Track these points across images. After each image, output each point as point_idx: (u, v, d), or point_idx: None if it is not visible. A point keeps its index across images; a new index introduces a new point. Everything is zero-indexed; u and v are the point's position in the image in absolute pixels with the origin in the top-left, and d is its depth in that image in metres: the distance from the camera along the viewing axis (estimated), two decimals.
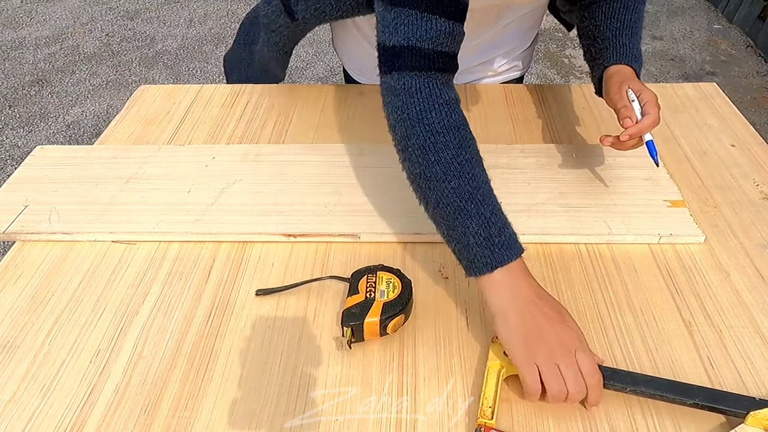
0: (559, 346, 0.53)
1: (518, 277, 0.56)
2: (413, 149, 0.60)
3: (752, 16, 2.92)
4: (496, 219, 0.57)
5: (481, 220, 0.56)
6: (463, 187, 0.57)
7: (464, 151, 0.59)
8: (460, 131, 0.60)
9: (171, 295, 0.67)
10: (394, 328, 0.60)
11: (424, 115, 0.59)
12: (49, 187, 0.81)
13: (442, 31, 0.59)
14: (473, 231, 0.56)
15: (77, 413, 0.55)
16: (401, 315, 0.60)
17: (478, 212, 0.57)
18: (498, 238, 0.56)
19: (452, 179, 0.57)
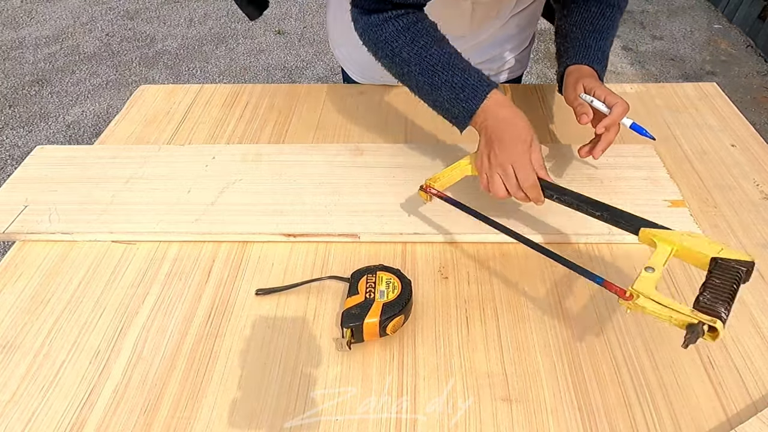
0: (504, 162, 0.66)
1: (488, 112, 0.68)
2: (382, 59, 0.74)
3: (752, 16, 2.92)
4: (459, 77, 0.68)
5: (447, 86, 0.69)
6: (424, 68, 0.70)
7: (418, 41, 0.70)
8: (410, 30, 0.71)
9: (171, 295, 0.67)
10: (393, 329, 0.60)
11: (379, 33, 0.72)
12: (49, 187, 0.81)
13: None
14: (445, 96, 0.69)
15: (77, 413, 0.55)
16: (401, 315, 0.60)
17: (442, 80, 0.69)
18: (463, 92, 0.68)
19: (415, 67, 0.70)
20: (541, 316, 0.63)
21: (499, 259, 0.70)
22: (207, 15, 3.28)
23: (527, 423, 0.54)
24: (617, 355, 0.59)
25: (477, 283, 0.67)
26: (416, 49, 0.70)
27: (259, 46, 2.98)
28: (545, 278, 0.67)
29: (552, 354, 0.59)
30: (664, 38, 2.98)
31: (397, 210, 0.75)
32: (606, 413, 0.54)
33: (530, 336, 0.61)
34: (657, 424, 0.53)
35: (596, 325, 0.62)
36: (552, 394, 0.56)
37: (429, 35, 0.71)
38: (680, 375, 0.57)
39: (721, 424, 0.53)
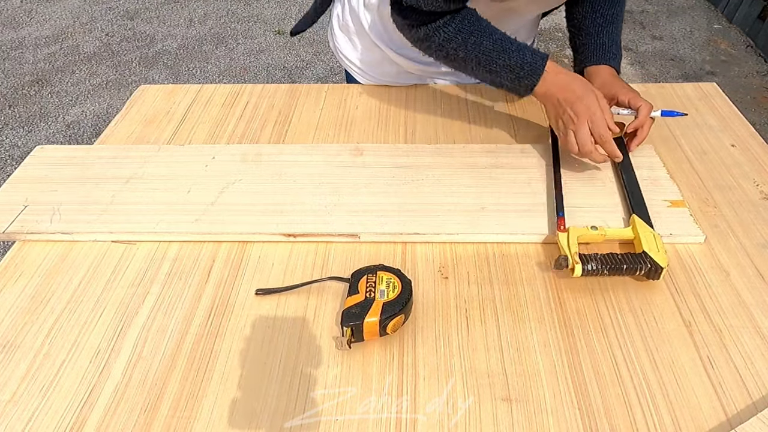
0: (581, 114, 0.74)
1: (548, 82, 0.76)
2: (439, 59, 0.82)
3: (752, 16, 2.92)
4: (515, 59, 0.76)
5: (506, 69, 0.76)
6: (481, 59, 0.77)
7: (469, 39, 0.77)
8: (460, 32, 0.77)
9: (171, 295, 0.67)
10: (393, 328, 0.60)
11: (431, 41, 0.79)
12: (49, 187, 0.81)
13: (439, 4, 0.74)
14: (506, 77, 0.77)
15: (77, 413, 0.55)
16: (401, 315, 0.60)
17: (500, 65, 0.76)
18: (522, 71, 0.76)
19: (472, 61, 0.78)
20: (541, 316, 0.63)
21: (499, 259, 0.70)
22: (207, 15, 3.28)
23: (527, 423, 0.54)
24: (617, 355, 0.59)
25: (477, 283, 0.67)
26: (470, 47, 0.77)
27: (259, 46, 2.98)
28: (545, 278, 0.67)
29: (552, 354, 0.59)
30: (664, 38, 2.98)
31: (397, 210, 0.75)
32: (606, 413, 0.54)
33: (530, 336, 0.61)
34: (657, 424, 0.53)
35: (596, 325, 0.62)
36: (552, 394, 0.56)
37: (477, 30, 0.77)
38: (680, 375, 0.57)
39: (721, 424, 0.53)
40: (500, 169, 0.82)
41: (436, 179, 0.80)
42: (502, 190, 0.78)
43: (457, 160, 0.84)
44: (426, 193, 0.77)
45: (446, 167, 0.82)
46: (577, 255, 0.66)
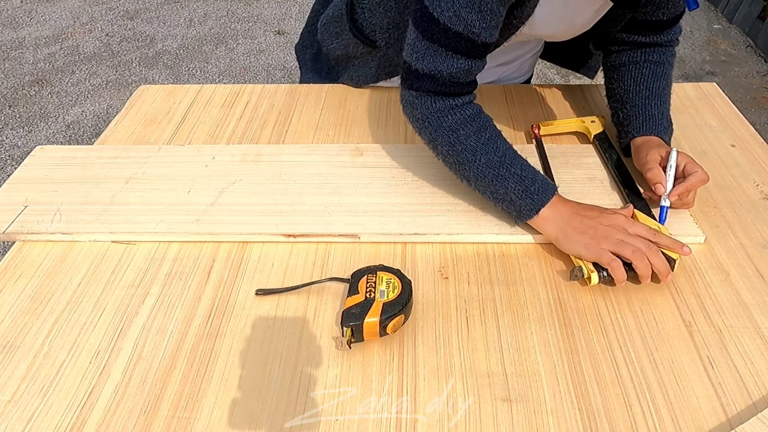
0: (613, 228, 0.65)
1: (558, 205, 0.69)
2: (442, 147, 0.72)
3: (752, 16, 2.92)
4: (527, 173, 0.69)
5: (515, 179, 0.69)
6: (491, 160, 0.69)
7: (484, 132, 0.71)
8: (476, 120, 0.71)
9: (171, 295, 0.67)
10: (393, 329, 0.60)
11: (443, 120, 0.71)
12: (49, 187, 0.81)
13: (461, 67, 0.68)
14: (512, 189, 0.69)
15: (77, 413, 0.55)
16: (401, 315, 0.60)
17: (511, 173, 0.69)
18: (533, 186, 0.68)
19: (481, 157, 0.70)
20: (541, 316, 0.63)
21: (499, 259, 0.70)
22: (207, 15, 3.28)
23: (527, 423, 0.54)
24: (617, 355, 0.59)
25: (477, 283, 0.67)
26: (483, 139, 0.70)
27: (259, 46, 2.98)
28: (545, 278, 0.67)
29: (552, 354, 0.59)
30: None
31: (397, 210, 0.75)
32: (606, 413, 0.54)
33: (530, 336, 0.61)
34: (657, 424, 0.53)
35: (596, 325, 0.62)
36: (552, 394, 0.56)
37: (493, 128, 0.72)
38: (680, 375, 0.57)
39: (721, 424, 0.53)
40: None
41: (436, 179, 0.80)
42: None
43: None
44: (426, 193, 0.77)
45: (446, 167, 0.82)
46: (590, 264, 0.65)
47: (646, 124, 0.79)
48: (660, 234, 0.66)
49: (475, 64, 0.69)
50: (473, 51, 0.67)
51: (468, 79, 0.71)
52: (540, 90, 1.02)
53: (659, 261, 0.64)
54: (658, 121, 0.79)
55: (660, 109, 0.80)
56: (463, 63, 0.68)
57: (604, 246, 0.64)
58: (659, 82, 0.82)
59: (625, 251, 0.63)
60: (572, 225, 0.67)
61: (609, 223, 0.66)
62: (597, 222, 0.66)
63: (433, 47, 0.67)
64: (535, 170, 0.70)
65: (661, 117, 0.79)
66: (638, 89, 0.81)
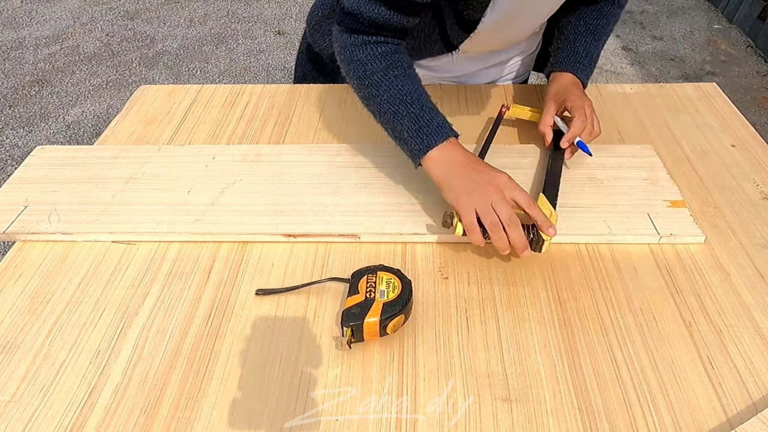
0: (491, 188, 0.65)
1: (451, 150, 0.69)
2: (352, 80, 0.74)
3: (752, 16, 2.92)
4: (425, 113, 0.69)
5: (411, 118, 0.69)
6: (393, 96, 0.70)
7: (392, 70, 0.72)
8: (387, 57, 0.72)
9: (171, 295, 0.67)
10: (393, 329, 0.60)
11: (355, 53, 0.73)
12: (49, 187, 0.81)
13: (381, 14, 0.70)
14: (407, 127, 0.69)
15: (77, 413, 0.55)
16: (401, 315, 0.60)
17: (409, 112, 0.69)
18: (427, 127, 0.68)
19: (384, 93, 0.71)
20: (541, 316, 0.63)
21: (499, 259, 0.70)
22: (207, 15, 3.28)
23: (527, 423, 0.54)
24: (617, 355, 0.59)
25: (477, 283, 0.67)
26: (389, 76, 0.71)
27: (259, 46, 2.98)
28: (545, 278, 0.67)
29: (552, 354, 0.59)
30: (663, 38, 2.98)
31: (397, 210, 0.75)
32: (606, 413, 0.54)
33: (530, 336, 0.61)
34: (657, 424, 0.53)
35: (596, 325, 0.62)
36: (552, 394, 0.56)
37: (404, 69, 0.73)
38: (680, 375, 0.57)
39: (721, 424, 0.53)
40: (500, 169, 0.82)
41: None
42: None
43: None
44: (426, 193, 0.77)
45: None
46: None
47: (567, 60, 0.83)
48: (535, 208, 0.65)
49: (397, 17, 0.71)
50: (394, 3, 0.70)
51: (388, 26, 0.72)
52: (540, 90, 1.02)
53: (516, 235, 0.64)
54: (580, 59, 0.83)
55: (588, 48, 0.84)
56: (383, 11, 0.70)
57: (473, 204, 0.65)
58: (600, 20, 0.86)
59: (485, 218, 0.64)
60: (457, 173, 0.67)
61: (490, 181, 0.66)
62: (480, 177, 0.66)
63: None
64: (435, 113, 0.70)
65: (585, 55, 0.83)
66: (576, 23, 0.86)
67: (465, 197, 0.65)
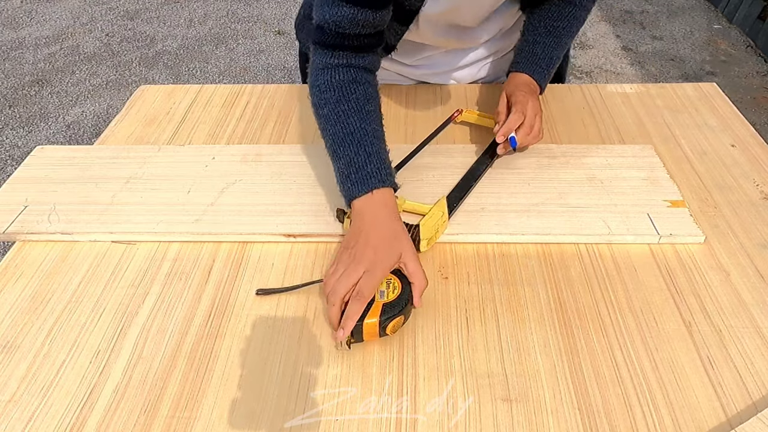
0: (353, 264, 0.61)
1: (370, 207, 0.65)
2: (312, 106, 0.74)
3: (752, 16, 2.92)
4: (359, 158, 0.66)
5: (345, 160, 0.67)
6: (336, 133, 0.69)
7: (343, 104, 0.69)
8: (342, 88, 0.70)
9: (171, 295, 0.67)
10: (393, 330, 0.60)
11: (316, 78, 0.73)
12: (49, 187, 0.81)
13: (344, 15, 0.68)
14: (340, 168, 0.68)
15: (77, 413, 0.55)
16: (400, 316, 0.60)
17: (345, 154, 0.67)
18: (356, 174, 0.66)
19: (329, 128, 0.70)
20: (541, 316, 0.63)
21: (499, 259, 0.70)
22: (207, 15, 3.28)
23: (527, 423, 0.54)
24: (617, 355, 0.59)
25: (477, 283, 0.67)
26: (337, 111, 0.69)
27: (259, 46, 2.98)
28: (545, 278, 0.67)
29: (552, 354, 0.59)
30: (664, 38, 2.98)
31: None
32: (606, 413, 0.54)
33: (530, 336, 0.61)
34: (657, 424, 0.53)
35: (596, 325, 0.62)
36: (552, 394, 0.56)
37: (357, 102, 0.70)
38: (680, 375, 0.57)
39: (721, 424, 0.53)
40: (499, 169, 0.82)
41: (435, 180, 0.80)
42: (502, 190, 0.78)
43: (457, 160, 0.84)
44: (426, 194, 0.77)
45: (446, 167, 0.82)
46: None
47: (525, 61, 0.83)
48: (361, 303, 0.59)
49: (361, 13, 0.68)
50: None
51: (354, 30, 0.69)
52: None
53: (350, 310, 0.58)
54: (538, 61, 0.82)
55: (547, 49, 0.82)
56: (346, 10, 0.67)
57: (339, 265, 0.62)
58: (562, 21, 0.84)
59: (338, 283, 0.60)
60: (354, 235, 0.63)
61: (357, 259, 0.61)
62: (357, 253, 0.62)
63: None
64: (370, 159, 0.66)
65: (543, 57, 0.82)
66: (537, 24, 0.85)
67: (346, 257, 0.62)
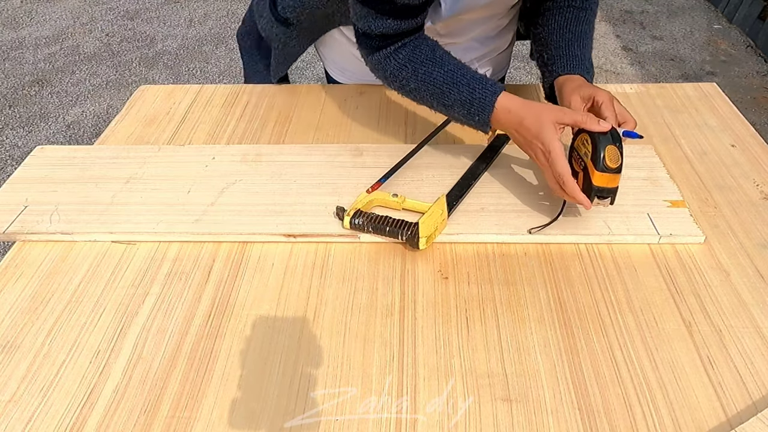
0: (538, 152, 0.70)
1: (500, 118, 0.72)
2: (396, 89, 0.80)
3: (752, 16, 2.92)
4: (465, 94, 0.73)
5: (458, 104, 0.74)
6: (434, 93, 0.75)
7: (419, 70, 0.75)
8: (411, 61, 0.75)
9: (171, 295, 0.67)
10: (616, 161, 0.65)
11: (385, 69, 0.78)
12: (49, 187, 0.81)
13: (389, 26, 0.73)
14: (459, 112, 0.75)
15: (77, 413, 0.55)
16: (614, 145, 0.66)
17: (452, 99, 0.74)
18: (473, 107, 0.73)
19: (424, 92, 0.76)
20: (541, 316, 0.63)
21: (499, 259, 0.70)
22: (207, 15, 3.28)
23: (527, 423, 0.54)
24: (617, 355, 0.59)
25: (477, 283, 0.67)
26: (421, 76, 0.75)
27: None
28: (545, 278, 0.67)
29: (552, 354, 0.59)
30: (663, 38, 2.98)
31: None
32: (606, 413, 0.54)
33: (530, 336, 0.61)
34: (657, 424, 0.53)
35: (596, 325, 0.62)
36: (552, 394, 0.56)
37: (429, 60, 0.75)
38: (680, 375, 0.57)
39: (721, 424, 0.53)
40: (499, 168, 0.82)
41: (435, 179, 0.80)
42: (501, 190, 0.78)
43: (457, 160, 0.84)
44: (426, 194, 0.77)
45: (446, 167, 0.82)
46: (354, 210, 0.71)
47: (569, 63, 0.82)
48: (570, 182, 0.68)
49: (405, 23, 0.74)
50: (397, 12, 0.72)
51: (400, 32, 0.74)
52: (540, 90, 1.02)
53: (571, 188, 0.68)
54: (581, 61, 0.82)
55: (583, 51, 0.83)
56: (390, 23, 0.73)
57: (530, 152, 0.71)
58: (582, 26, 0.85)
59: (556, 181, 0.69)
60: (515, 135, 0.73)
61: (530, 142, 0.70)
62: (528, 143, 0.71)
63: (364, 9, 0.73)
64: (472, 87, 0.73)
65: (583, 58, 0.82)
66: (561, 32, 0.85)
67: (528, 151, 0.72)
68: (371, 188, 0.76)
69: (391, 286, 0.67)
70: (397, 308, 0.64)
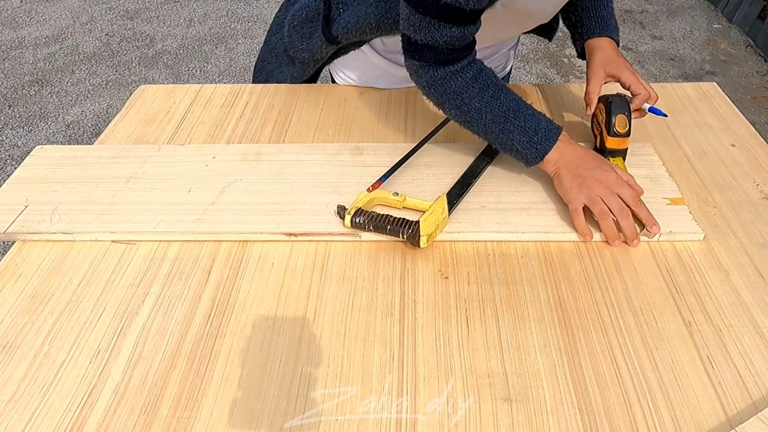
0: (599, 183, 0.71)
1: (563, 149, 0.74)
2: (449, 110, 0.78)
3: (752, 16, 2.92)
4: (530, 123, 0.74)
5: (519, 131, 0.74)
6: (497, 116, 0.74)
7: (486, 91, 0.75)
8: (477, 81, 0.75)
9: (171, 295, 0.67)
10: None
11: (447, 86, 0.75)
12: (49, 187, 0.81)
13: (455, 35, 0.71)
14: (517, 140, 0.74)
15: (77, 413, 0.55)
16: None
17: (515, 126, 0.74)
18: (536, 136, 0.73)
19: (486, 115, 0.75)
20: (541, 315, 0.63)
21: (499, 259, 0.70)
22: (207, 15, 3.28)
23: (527, 423, 0.54)
24: (617, 355, 0.59)
25: (477, 283, 0.67)
26: (486, 98, 0.75)
27: (258, 46, 2.98)
28: (545, 278, 0.67)
29: (552, 354, 0.59)
30: (663, 38, 2.98)
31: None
32: (606, 413, 0.54)
33: (530, 336, 0.61)
34: (657, 424, 0.53)
35: (596, 325, 0.62)
36: (552, 394, 0.56)
37: (494, 85, 0.76)
38: (680, 375, 0.57)
39: (721, 424, 0.53)
40: (500, 167, 0.82)
41: (436, 178, 0.80)
42: (502, 188, 0.78)
43: (457, 158, 0.84)
44: (426, 192, 0.77)
45: (446, 166, 0.82)
46: (355, 209, 0.71)
47: (598, 25, 0.86)
48: (641, 205, 0.71)
49: (468, 30, 0.72)
50: (464, 19, 0.69)
51: (464, 43, 0.73)
52: (540, 90, 1.02)
53: (627, 225, 0.69)
54: (608, 22, 0.86)
55: (608, 10, 0.87)
56: (456, 31, 0.70)
57: (581, 196, 0.71)
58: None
59: (594, 207, 0.70)
60: (568, 169, 0.73)
61: (599, 177, 0.71)
62: (590, 173, 0.72)
63: (426, 19, 0.69)
64: (538, 118, 0.74)
65: (609, 17, 0.86)
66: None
67: (574, 189, 0.71)
68: (372, 187, 0.76)
69: (391, 285, 0.67)
70: (397, 308, 0.64)
